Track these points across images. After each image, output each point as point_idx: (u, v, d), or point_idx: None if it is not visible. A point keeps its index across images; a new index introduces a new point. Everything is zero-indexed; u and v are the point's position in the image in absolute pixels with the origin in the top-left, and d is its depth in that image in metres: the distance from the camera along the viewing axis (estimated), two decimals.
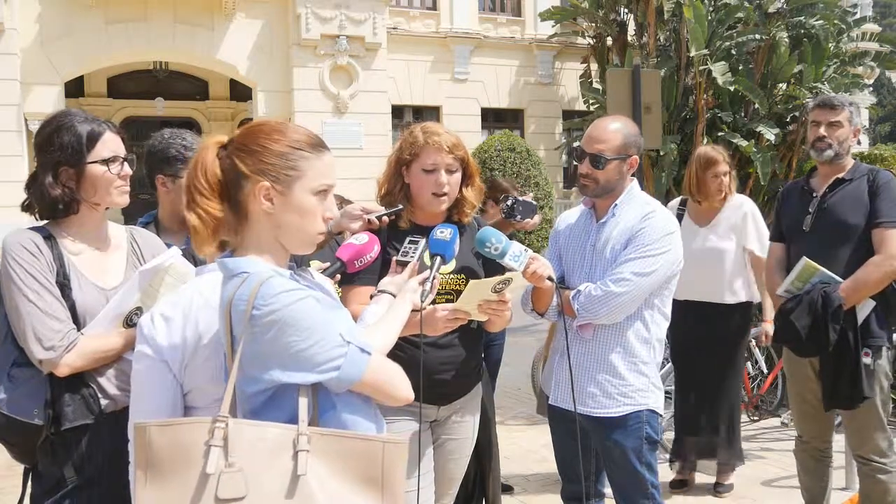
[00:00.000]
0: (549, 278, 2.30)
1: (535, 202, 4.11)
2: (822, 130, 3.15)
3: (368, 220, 2.36)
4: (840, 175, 3.17)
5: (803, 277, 3.08)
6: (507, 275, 2.12)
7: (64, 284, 1.96)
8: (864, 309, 3.05)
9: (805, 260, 3.06)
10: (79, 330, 1.95)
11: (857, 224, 3.06)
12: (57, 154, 1.98)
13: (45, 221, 2.04)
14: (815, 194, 3.20)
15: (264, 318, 1.45)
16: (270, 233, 1.59)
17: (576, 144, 19.32)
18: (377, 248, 2.09)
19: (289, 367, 1.47)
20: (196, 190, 1.54)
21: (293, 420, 1.48)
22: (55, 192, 1.97)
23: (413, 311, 1.88)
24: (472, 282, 2.09)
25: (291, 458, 1.44)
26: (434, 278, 1.95)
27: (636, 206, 2.58)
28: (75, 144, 1.99)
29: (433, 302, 2.13)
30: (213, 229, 1.54)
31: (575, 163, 3.14)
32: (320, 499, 1.44)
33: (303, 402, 1.49)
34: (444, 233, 2.06)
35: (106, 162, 2.03)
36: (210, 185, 1.54)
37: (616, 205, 2.59)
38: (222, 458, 1.42)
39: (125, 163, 2.08)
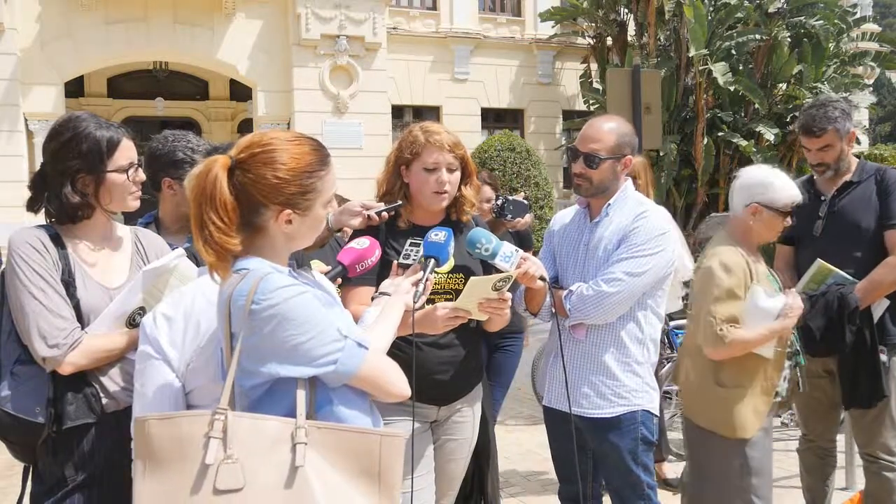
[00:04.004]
0: (542, 278, 2.30)
1: (526, 201, 4.09)
2: (813, 158, 3.18)
3: (368, 216, 2.36)
4: (847, 178, 3.18)
5: (818, 279, 3.09)
6: (507, 273, 2.12)
7: (69, 283, 1.96)
8: (879, 308, 3.07)
9: (819, 262, 3.06)
10: (83, 328, 1.95)
11: (868, 226, 3.07)
12: (76, 163, 1.99)
13: (52, 220, 2.04)
14: (823, 198, 3.20)
15: (263, 312, 1.47)
16: (284, 245, 1.62)
17: (570, 144, 19.35)
18: (378, 252, 2.10)
19: (287, 360, 1.49)
20: (214, 225, 1.49)
21: (290, 414, 1.50)
22: (75, 201, 1.99)
23: (408, 311, 1.89)
24: (471, 279, 2.09)
25: (290, 450, 1.46)
26: (427, 280, 1.96)
27: (629, 205, 2.57)
28: (95, 153, 2.00)
29: (431, 301, 2.14)
30: (228, 260, 1.53)
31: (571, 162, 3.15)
32: (318, 491, 1.45)
33: (301, 395, 1.51)
34: (438, 235, 2.06)
35: (124, 170, 2.04)
36: (230, 220, 1.50)
37: (609, 204, 2.58)
38: (221, 449, 1.44)
39: (139, 168, 2.10)
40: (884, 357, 3.05)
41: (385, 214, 2.38)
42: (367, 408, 1.64)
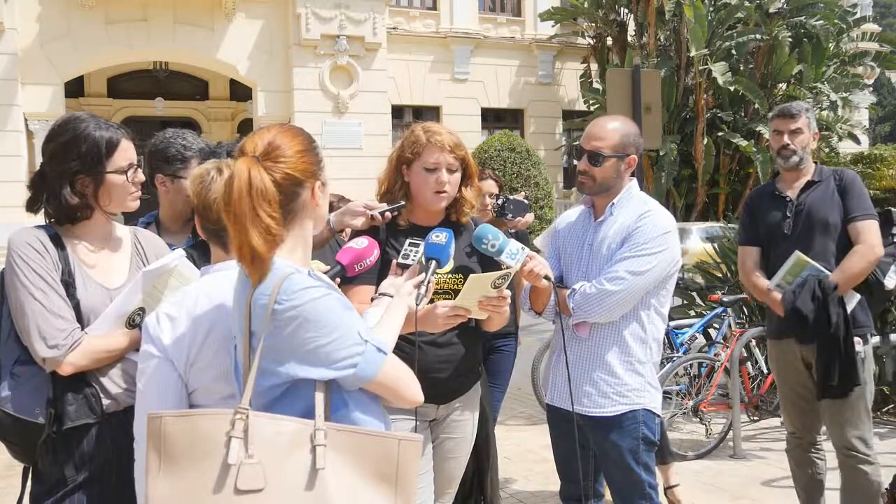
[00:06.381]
0: (547, 277, 2.31)
1: (526, 200, 4.09)
2: (786, 139, 3.32)
3: (371, 216, 2.36)
4: (808, 178, 3.33)
5: (794, 272, 3.21)
6: (506, 270, 2.12)
7: (69, 283, 1.96)
8: (852, 301, 3.19)
9: (797, 254, 3.18)
10: (83, 329, 1.95)
11: (835, 221, 3.22)
12: (75, 164, 1.98)
13: (51, 221, 2.04)
14: (788, 198, 3.33)
15: (286, 312, 1.47)
16: (310, 230, 1.66)
17: (571, 144, 19.39)
18: (377, 252, 2.10)
19: (306, 361, 1.49)
20: (272, 218, 1.50)
21: (305, 416, 1.50)
22: (73, 202, 1.98)
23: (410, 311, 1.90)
24: (471, 276, 2.10)
25: (309, 451, 1.46)
26: (429, 282, 1.97)
27: (633, 205, 2.58)
28: (94, 155, 1.99)
29: (431, 301, 2.14)
30: (274, 253, 1.53)
31: (574, 161, 3.19)
32: (336, 493, 1.45)
33: (319, 398, 1.51)
34: (439, 237, 2.07)
35: (124, 171, 2.04)
36: (277, 211, 1.52)
37: (613, 204, 2.59)
38: (242, 449, 1.43)
39: (139, 169, 2.09)
40: (860, 347, 3.17)
41: (388, 215, 2.38)
42: (379, 412, 1.65)
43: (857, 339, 3.13)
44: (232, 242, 1.51)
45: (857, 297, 3.20)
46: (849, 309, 3.15)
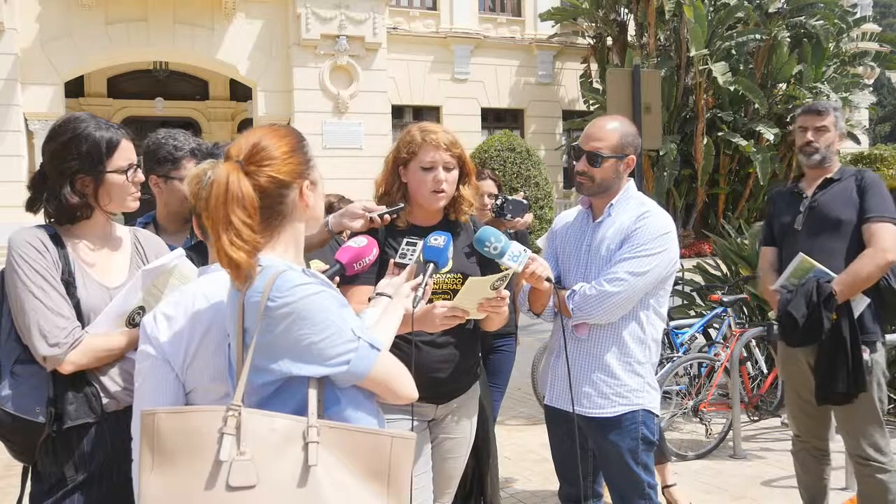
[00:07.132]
0: (548, 279, 2.31)
1: (525, 201, 4.08)
2: (810, 135, 3.27)
3: (370, 218, 2.36)
4: (828, 175, 3.27)
5: (798, 273, 3.15)
6: (505, 272, 2.12)
7: (69, 282, 1.96)
8: (860, 305, 3.11)
9: (801, 255, 3.13)
10: (83, 328, 1.95)
11: (848, 220, 3.14)
12: (75, 164, 1.99)
13: (51, 220, 2.05)
14: (804, 195, 3.30)
15: (279, 309, 1.47)
16: (302, 230, 1.65)
17: (571, 144, 19.40)
18: (376, 251, 2.10)
19: (300, 358, 1.50)
20: (245, 224, 1.49)
21: (298, 413, 1.50)
22: (73, 201, 1.99)
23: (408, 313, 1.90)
24: (469, 279, 2.10)
25: (301, 449, 1.46)
26: (426, 284, 1.97)
27: (632, 206, 2.58)
28: (95, 154, 2.00)
29: (430, 301, 2.14)
30: (255, 259, 1.52)
31: (573, 161, 3.20)
32: (328, 490, 1.46)
33: (312, 395, 1.51)
34: (437, 240, 2.07)
35: (124, 171, 2.05)
36: (254, 216, 1.51)
37: (612, 205, 2.59)
38: (234, 446, 1.44)
39: (139, 169, 2.10)
40: (867, 356, 3.09)
41: (387, 217, 2.38)
42: (373, 409, 1.65)
43: (863, 347, 3.06)
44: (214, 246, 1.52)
45: (866, 300, 3.11)
46: (856, 313, 3.08)
